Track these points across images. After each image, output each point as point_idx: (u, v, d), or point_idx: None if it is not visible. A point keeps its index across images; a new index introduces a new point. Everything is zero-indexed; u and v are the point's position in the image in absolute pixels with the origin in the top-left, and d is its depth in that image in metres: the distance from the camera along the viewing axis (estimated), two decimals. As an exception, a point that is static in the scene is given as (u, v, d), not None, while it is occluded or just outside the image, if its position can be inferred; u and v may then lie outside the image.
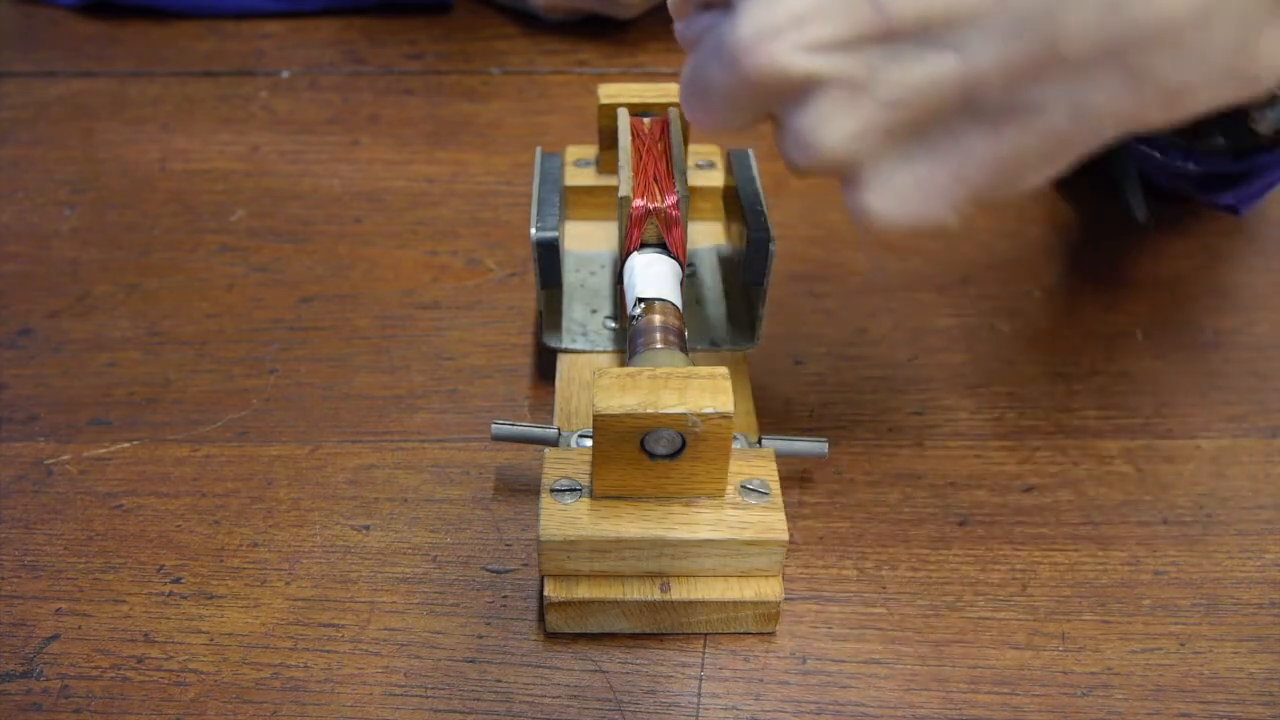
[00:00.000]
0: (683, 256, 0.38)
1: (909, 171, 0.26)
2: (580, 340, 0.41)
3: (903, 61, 0.25)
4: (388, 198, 0.53)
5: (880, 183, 0.26)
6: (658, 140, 0.39)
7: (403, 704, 0.32)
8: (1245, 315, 0.46)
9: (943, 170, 0.26)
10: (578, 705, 0.32)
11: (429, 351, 0.44)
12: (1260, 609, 0.35)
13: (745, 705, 0.32)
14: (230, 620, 0.34)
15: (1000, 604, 0.35)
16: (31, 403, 0.42)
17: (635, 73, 0.62)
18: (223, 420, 0.41)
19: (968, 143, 0.25)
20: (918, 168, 0.26)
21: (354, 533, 0.37)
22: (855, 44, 0.25)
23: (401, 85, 0.61)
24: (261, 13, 0.67)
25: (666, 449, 0.32)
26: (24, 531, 0.37)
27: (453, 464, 0.39)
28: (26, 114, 0.59)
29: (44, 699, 0.32)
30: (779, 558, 0.33)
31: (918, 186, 0.26)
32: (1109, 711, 0.32)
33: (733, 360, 0.40)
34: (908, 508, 0.38)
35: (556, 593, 0.33)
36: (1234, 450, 0.40)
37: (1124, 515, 0.38)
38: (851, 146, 0.26)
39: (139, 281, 0.47)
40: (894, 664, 0.34)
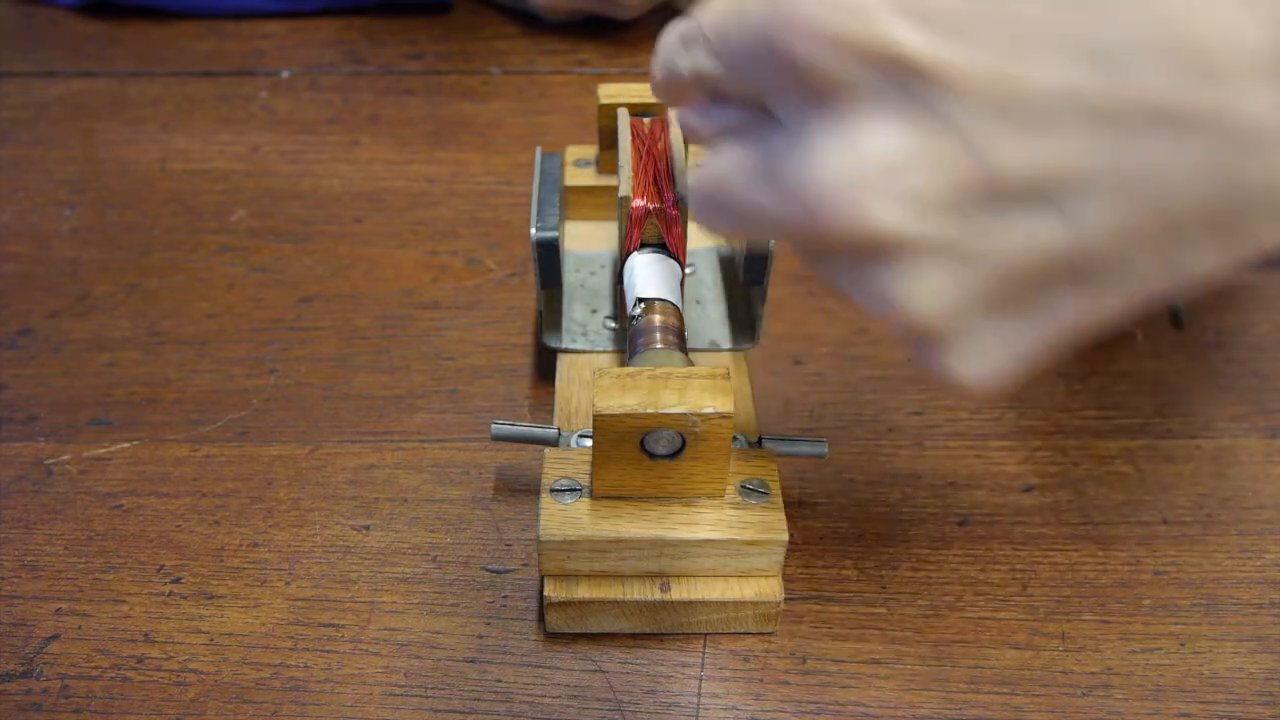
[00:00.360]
0: (683, 256, 0.38)
1: (995, 334, 0.24)
2: (580, 340, 0.41)
3: (1006, 224, 0.22)
4: (388, 198, 0.53)
5: (965, 346, 0.24)
6: (658, 140, 0.39)
7: (403, 704, 0.32)
8: (1245, 315, 0.46)
9: (1031, 331, 0.24)
10: (578, 705, 0.32)
11: (429, 351, 0.44)
12: (1260, 609, 0.35)
13: (745, 705, 0.32)
14: (230, 620, 0.34)
15: (1000, 604, 0.35)
16: (31, 403, 0.42)
17: (635, 73, 0.62)
18: (223, 420, 0.41)
19: (1059, 304, 0.24)
20: (1005, 330, 0.24)
21: (354, 533, 0.37)
22: (954, 203, 0.22)
23: (401, 85, 0.61)
24: (261, 13, 0.67)
25: (666, 449, 0.32)
26: (24, 531, 0.37)
27: (453, 464, 0.39)
28: (26, 114, 0.59)
29: (44, 699, 0.32)
30: (779, 558, 0.33)
31: (1002, 347, 0.24)
32: (1109, 711, 0.32)
33: (733, 360, 0.40)
34: (907, 508, 0.38)
35: (556, 593, 0.33)
36: (1234, 450, 0.40)
37: (1124, 515, 0.38)
38: (943, 314, 0.23)
39: (139, 281, 0.47)
40: (894, 664, 0.34)
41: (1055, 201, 0.22)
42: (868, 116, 0.22)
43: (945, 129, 0.21)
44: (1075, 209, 0.22)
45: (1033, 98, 0.21)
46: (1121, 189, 0.22)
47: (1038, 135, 0.21)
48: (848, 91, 0.22)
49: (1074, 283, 0.23)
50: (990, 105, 0.21)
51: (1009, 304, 0.24)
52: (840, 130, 0.22)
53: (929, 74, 0.21)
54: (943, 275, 0.23)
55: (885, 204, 0.22)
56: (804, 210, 0.23)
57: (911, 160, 0.22)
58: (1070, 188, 0.22)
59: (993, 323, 0.24)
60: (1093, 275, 0.23)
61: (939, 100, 0.21)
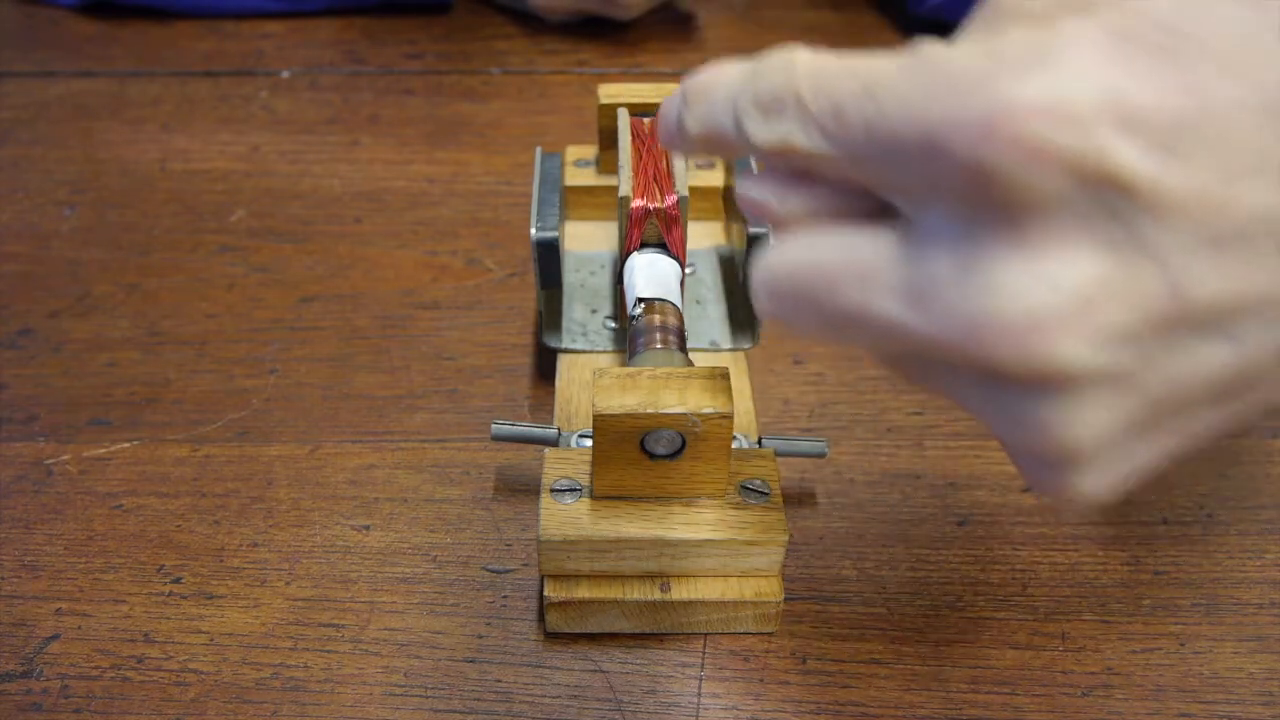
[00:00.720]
0: (683, 256, 0.38)
1: (1131, 457, 0.22)
2: (580, 340, 0.41)
3: (1178, 352, 0.20)
4: (388, 198, 0.53)
5: (1098, 469, 0.22)
6: (658, 140, 0.39)
7: (403, 704, 0.32)
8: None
9: (1161, 449, 0.22)
10: (578, 705, 0.32)
11: (429, 351, 0.44)
12: (1260, 609, 0.35)
13: (745, 705, 0.32)
14: (230, 620, 0.34)
15: (1000, 604, 0.35)
16: (31, 403, 0.42)
17: (635, 73, 0.62)
18: (223, 420, 0.41)
19: (1198, 425, 0.22)
20: (1140, 452, 0.22)
21: (354, 533, 0.37)
22: (1139, 333, 0.20)
23: (401, 85, 0.61)
24: (261, 13, 0.67)
25: (666, 449, 0.32)
26: (24, 531, 0.37)
27: (453, 464, 0.39)
28: (26, 114, 0.59)
29: (44, 699, 0.32)
30: (779, 558, 0.33)
31: (1129, 465, 0.22)
32: (1109, 711, 0.32)
33: (733, 360, 0.40)
34: (907, 508, 0.38)
35: (556, 593, 0.33)
36: (1234, 450, 0.40)
37: (1124, 515, 0.38)
38: (1092, 443, 0.21)
39: (139, 281, 0.47)
40: (894, 664, 0.34)
41: (1228, 327, 0.20)
42: (1062, 240, 0.20)
43: (1145, 256, 0.19)
44: (1245, 333, 0.21)
45: (1237, 222, 0.19)
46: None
47: (1234, 262, 0.20)
48: (1043, 210, 0.19)
49: (1219, 405, 0.22)
50: (1194, 230, 0.19)
51: (1155, 429, 0.22)
52: (1028, 253, 0.20)
53: (1139, 194, 0.19)
54: (1109, 406, 0.21)
55: (1076, 340, 0.20)
56: (973, 338, 0.20)
57: (1108, 292, 0.19)
58: (1247, 314, 0.20)
59: (1133, 447, 0.22)
60: (1237, 395, 0.22)
61: (1143, 223, 0.19)
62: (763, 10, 0.69)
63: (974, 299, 0.20)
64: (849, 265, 0.22)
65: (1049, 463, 0.22)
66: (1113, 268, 0.19)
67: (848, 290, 0.22)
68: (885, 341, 0.22)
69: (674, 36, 0.63)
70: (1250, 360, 0.21)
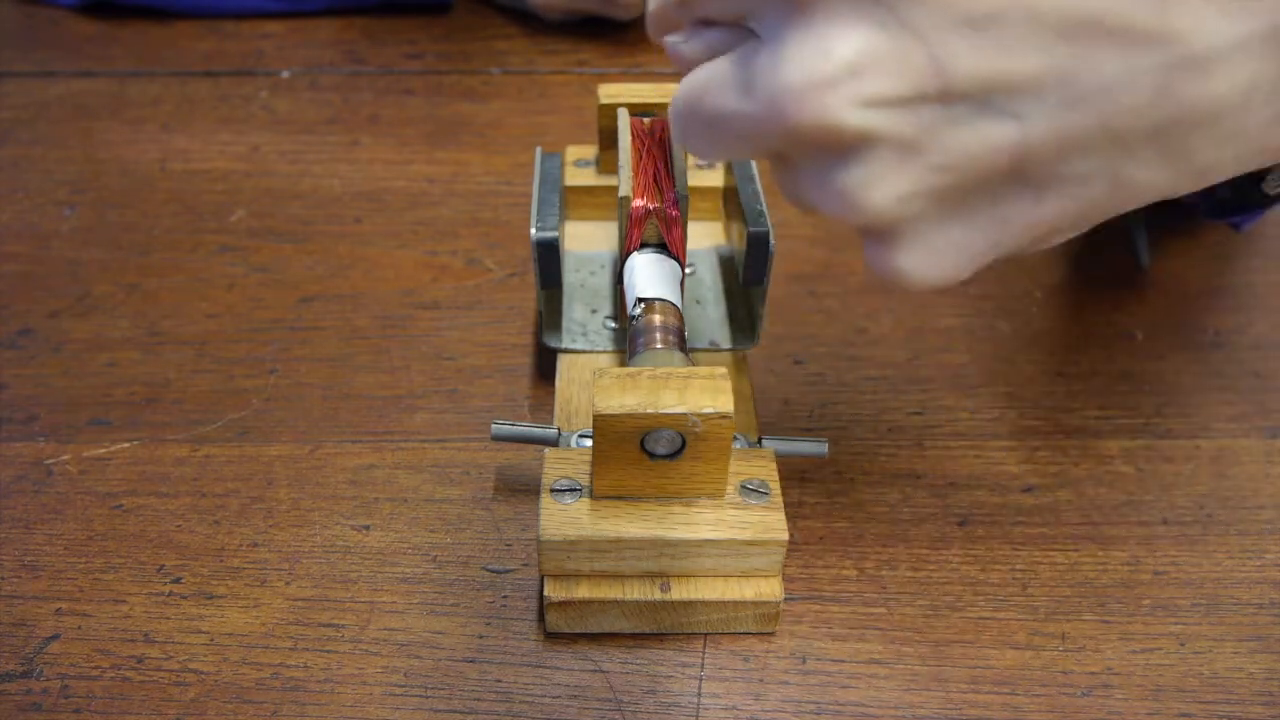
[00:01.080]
0: (683, 256, 0.38)
1: (944, 234, 0.25)
2: (580, 340, 0.41)
3: (958, 125, 0.24)
4: (388, 198, 0.53)
5: (914, 244, 0.26)
6: (658, 140, 0.39)
7: (403, 704, 0.32)
8: (1245, 315, 0.46)
9: (979, 233, 0.26)
10: (578, 705, 0.32)
11: (429, 351, 0.44)
12: (1260, 609, 0.35)
13: (745, 705, 0.32)
14: (230, 620, 0.34)
15: (1000, 604, 0.35)
16: (31, 403, 0.42)
17: (635, 73, 0.62)
18: (223, 420, 0.41)
19: (1007, 208, 0.25)
20: (953, 230, 0.25)
21: (354, 533, 0.37)
22: (912, 103, 0.23)
23: (401, 85, 0.61)
24: (261, 13, 0.67)
25: (666, 449, 0.32)
26: (24, 531, 0.37)
27: (453, 464, 0.39)
28: (26, 114, 0.59)
29: (44, 699, 0.32)
30: (779, 558, 0.33)
31: (950, 248, 0.26)
32: (1109, 711, 0.32)
33: (733, 360, 0.40)
34: (908, 508, 0.38)
35: (556, 593, 0.33)
36: (1234, 450, 0.40)
37: (1124, 515, 0.38)
38: (897, 208, 0.25)
39: (139, 281, 0.47)
40: (894, 664, 0.34)
41: (1006, 106, 0.23)
42: (838, 22, 0.23)
43: (908, 33, 0.23)
44: (1024, 114, 0.23)
45: (989, 6, 0.22)
46: (1069, 98, 0.23)
47: (993, 42, 0.23)
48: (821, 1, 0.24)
49: (1021, 187, 0.25)
50: (948, 10, 0.23)
51: (959, 205, 0.25)
52: (812, 35, 0.24)
53: None
54: (897, 171, 0.24)
55: (848, 102, 0.23)
56: (774, 110, 0.24)
57: (875, 62, 0.23)
58: (1021, 93, 0.23)
59: (943, 223, 0.25)
60: (1039, 180, 0.25)
61: (903, 6, 0.23)
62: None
63: (772, 75, 0.24)
64: (713, 77, 0.26)
65: (875, 239, 0.26)
66: (878, 41, 0.23)
67: (712, 97, 0.26)
68: (741, 139, 0.26)
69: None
70: (1039, 140, 0.24)
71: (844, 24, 0.23)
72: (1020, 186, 0.25)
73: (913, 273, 0.26)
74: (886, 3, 0.23)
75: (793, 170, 0.26)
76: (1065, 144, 0.24)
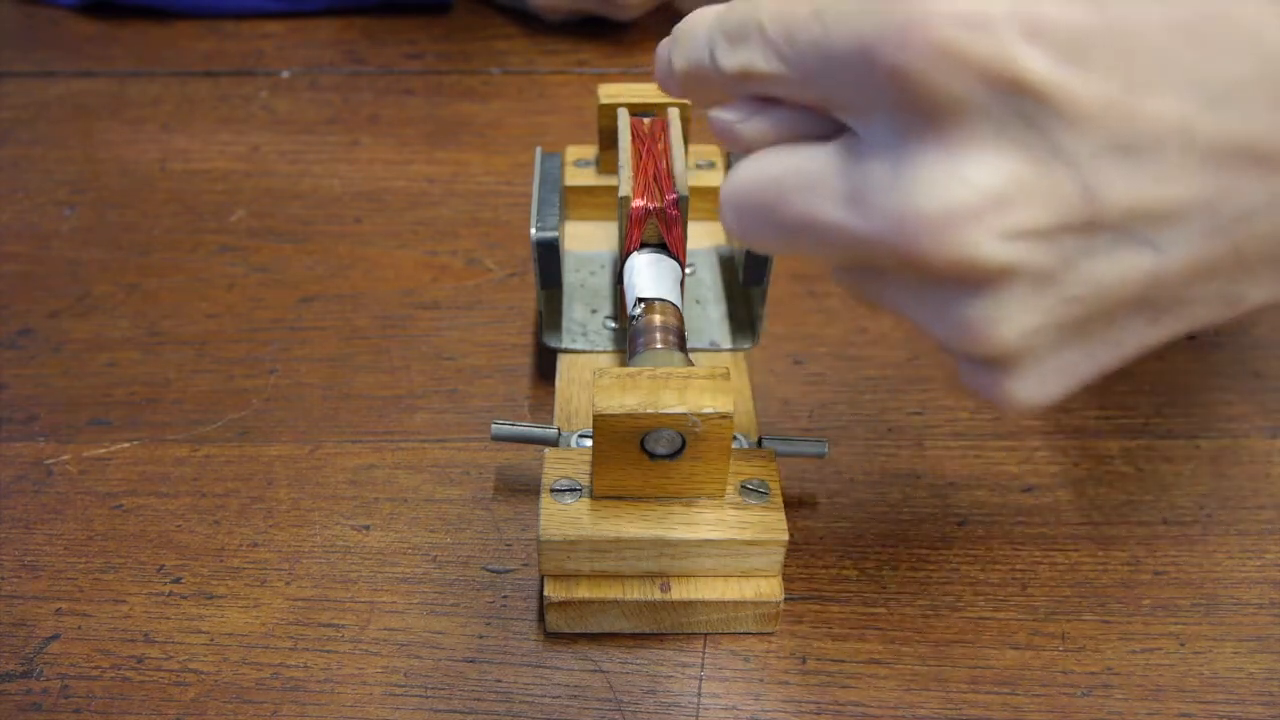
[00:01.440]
0: (683, 256, 0.38)
1: (1059, 359, 0.24)
2: (580, 340, 0.41)
3: (1097, 255, 0.22)
4: (388, 198, 0.53)
5: (1029, 372, 0.24)
6: (658, 140, 0.39)
7: (403, 704, 0.32)
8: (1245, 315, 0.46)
9: (1092, 358, 0.24)
10: (578, 705, 0.32)
11: (429, 351, 0.44)
12: (1260, 609, 0.35)
13: (745, 705, 0.32)
14: (230, 620, 0.34)
15: (1000, 604, 0.35)
16: (31, 403, 0.42)
17: (635, 73, 0.62)
18: (223, 420, 0.41)
19: (1125, 332, 0.24)
20: (1068, 355, 0.24)
21: (354, 533, 0.37)
22: (1057, 234, 0.22)
23: (401, 85, 0.61)
24: (261, 13, 0.67)
25: (666, 449, 0.32)
26: (24, 531, 0.37)
27: (453, 464, 0.39)
28: (26, 114, 0.59)
29: (44, 699, 0.32)
30: (779, 558, 0.33)
31: (1061, 373, 0.24)
32: (1109, 711, 0.32)
33: (733, 360, 0.40)
34: (908, 508, 0.38)
35: (556, 593, 0.33)
36: (1234, 450, 0.40)
37: (1124, 515, 0.38)
38: (1023, 341, 0.23)
39: (139, 281, 0.47)
40: (894, 664, 0.34)
41: (1147, 235, 0.22)
42: (980, 142, 0.21)
43: (1060, 161, 0.21)
44: (1164, 243, 0.22)
45: (1146, 131, 0.21)
46: (1211, 226, 0.22)
47: (1145, 169, 0.21)
48: (961, 113, 0.21)
49: (1144, 313, 0.23)
50: (1104, 136, 0.21)
51: (1079, 332, 0.24)
52: (948, 154, 0.21)
53: (1049, 100, 0.21)
54: (1031, 305, 0.22)
55: (992, 235, 0.21)
56: (898, 235, 0.22)
57: (1023, 192, 0.21)
58: (1165, 223, 0.22)
59: (1061, 350, 0.24)
60: (1161, 305, 0.23)
61: (1054, 128, 0.21)
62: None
63: (900, 198, 0.22)
64: (798, 175, 0.24)
65: (984, 364, 0.24)
66: (1026, 168, 0.21)
67: (796, 198, 0.24)
68: (831, 247, 0.24)
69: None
70: (1174, 269, 0.22)
71: (989, 146, 0.21)
72: (1142, 313, 0.24)
73: (1022, 399, 0.24)
74: (1040, 126, 0.21)
75: (890, 282, 0.24)
76: (1198, 272, 0.23)
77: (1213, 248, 0.22)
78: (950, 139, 0.21)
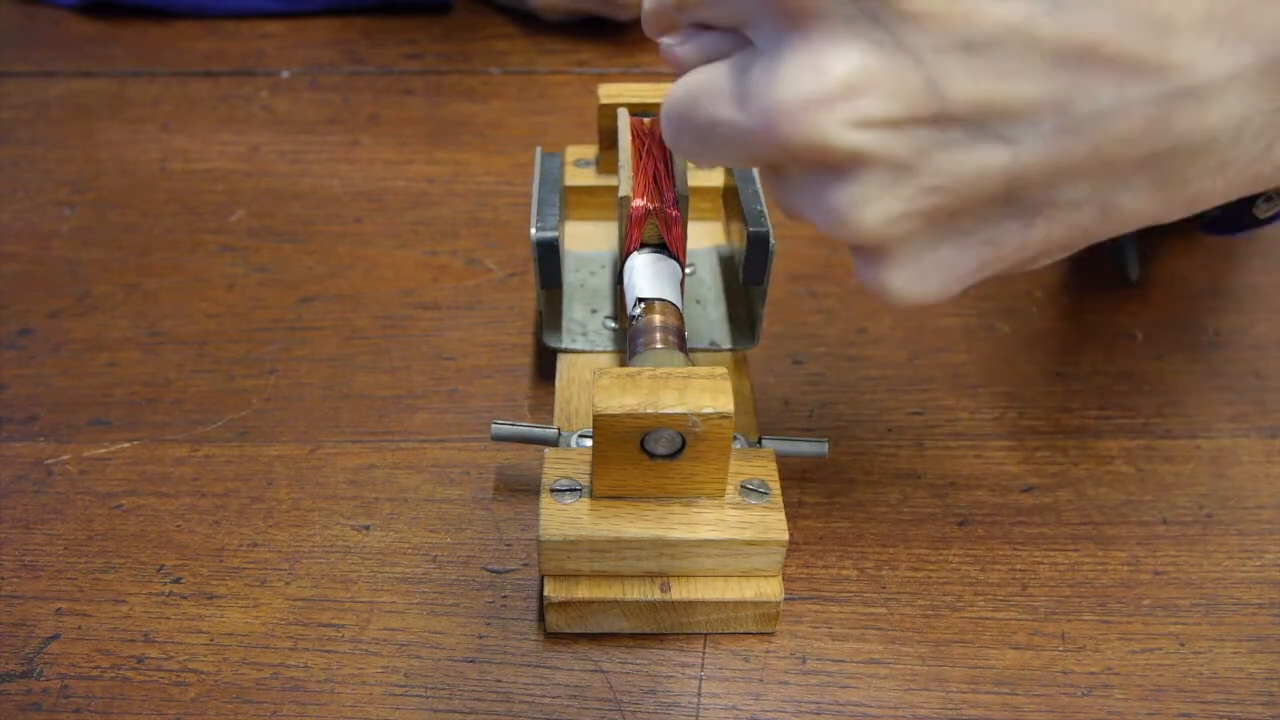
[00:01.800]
0: (683, 256, 0.38)
1: (933, 253, 0.26)
2: (580, 340, 0.41)
3: (952, 148, 0.24)
4: (388, 198, 0.53)
5: (903, 263, 0.26)
6: (658, 140, 0.39)
7: (403, 704, 0.32)
8: (1245, 315, 0.46)
9: (967, 254, 0.26)
10: (578, 705, 0.32)
11: (429, 351, 0.44)
12: (1260, 609, 0.35)
13: (745, 705, 0.32)
14: (230, 620, 0.34)
15: (1000, 604, 0.35)
16: (31, 403, 0.42)
17: (635, 73, 0.62)
18: (223, 420, 0.41)
19: (997, 231, 0.25)
20: (943, 250, 0.26)
21: (354, 533, 0.37)
22: (906, 124, 0.24)
23: (401, 85, 0.61)
24: (261, 13, 0.67)
25: (666, 449, 0.32)
26: (24, 531, 0.37)
27: (453, 464, 0.39)
28: (26, 114, 0.59)
29: (44, 699, 0.32)
30: (779, 558, 0.33)
31: (939, 268, 0.26)
32: (1109, 711, 0.32)
33: (733, 360, 0.40)
34: (908, 508, 0.38)
35: (556, 593, 0.33)
36: (1234, 450, 0.40)
37: (1124, 515, 0.38)
38: (887, 228, 0.25)
39: (139, 281, 0.47)
40: (894, 664, 0.34)
41: (1000, 131, 0.23)
42: (835, 40, 0.23)
43: (906, 55, 0.23)
44: (1018, 139, 0.23)
45: (988, 30, 0.22)
46: (1064, 125, 0.23)
47: (991, 67, 0.23)
48: (819, 16, 0.23)
49: (1011, 210, 0.25)
50: (946, 33, 0.23)
51: (949, 226, 0.25)
52: (808, 52, 0.24)
53: (896, 1, 0.23)
54: (889, 192, 0.24)
55: (843, 122, 0.23)
56: (767, 125, 0.24)
57: (871, 83, 0.23)
58: (1016, 119, 0.23)
59: (933, 243, 0.26)
60: (1029, 204, 0.25)
61: (901, 28, 0.23)
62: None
63: (769, 91, 0.24)
64: (707, 84, 0.26)
65: (865, 255, 0.26)
66: (874, 61, 0.23)
67: (705, 103, 0.26)
68: (732, 147, 0.26)
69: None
70: (1032, 166, 0.24)
71: (841, 42, 0.23)
72: (1011, 210, 0.25)
73: (900, 290, 0.26)
74: (885, 23, 0.23)
75: (785, 181, 0.27)
76: (1058, 170, 0.24)
77: (1070, 147, 0.23)
78: (811, 37, 0.24)
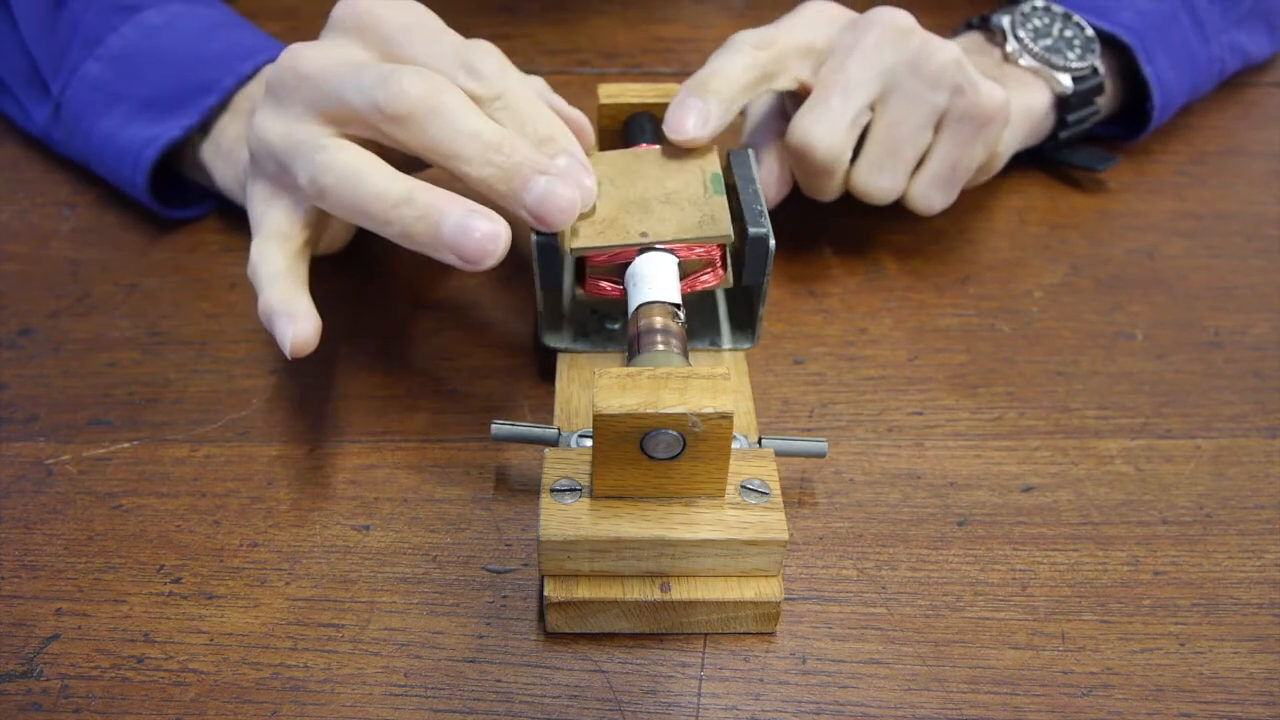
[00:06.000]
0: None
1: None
2: (580, 340, 0.41)
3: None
4: (388, 198, 0.53)
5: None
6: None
7: (403, 704, 0.32)
8: (1245, 315, 0.46)
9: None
10: (578, 705, 0.32)
11: (429, 351, 0.44)
12: (1260, 609, 0.35)
13: (745, 705, 0.32)
14: (230, 620, 0.34)
15: (1000, 604, 0.35)
16: (31, 403, 0.42)
17: (635, 73, 0.62)
18: (223, 420, 0.41)
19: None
20: None
21: (354, 533, 0.37)
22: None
23: (401, 85, 0.61)
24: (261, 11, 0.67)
25: (667, 449, 0.32)
26: (24, 531, 0.37)
27: (453, 464, 0.39)
28: (26, 114, 0.59)
29: (44, 699, 0.32)
30: (779, 558, 0.33)
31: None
32: (1109, 711, 0.32)
33: (733, 360, 0.40)
34: (908, 508, 0.38)
35: (556, 593, 0.33)
36: (1234, 450, 0.40)
37: (1124, 515, 0.38)
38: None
39: (139, 281, 0.47)
40: (894, 664, 0.34)
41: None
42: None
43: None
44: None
45: None
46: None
47: None
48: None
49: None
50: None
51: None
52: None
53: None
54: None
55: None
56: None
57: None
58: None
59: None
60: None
61: None
62: (761, 10, 0.69)
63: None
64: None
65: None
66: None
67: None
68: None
69: (673, 37, 0.63)
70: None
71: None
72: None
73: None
74: None
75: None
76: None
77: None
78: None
